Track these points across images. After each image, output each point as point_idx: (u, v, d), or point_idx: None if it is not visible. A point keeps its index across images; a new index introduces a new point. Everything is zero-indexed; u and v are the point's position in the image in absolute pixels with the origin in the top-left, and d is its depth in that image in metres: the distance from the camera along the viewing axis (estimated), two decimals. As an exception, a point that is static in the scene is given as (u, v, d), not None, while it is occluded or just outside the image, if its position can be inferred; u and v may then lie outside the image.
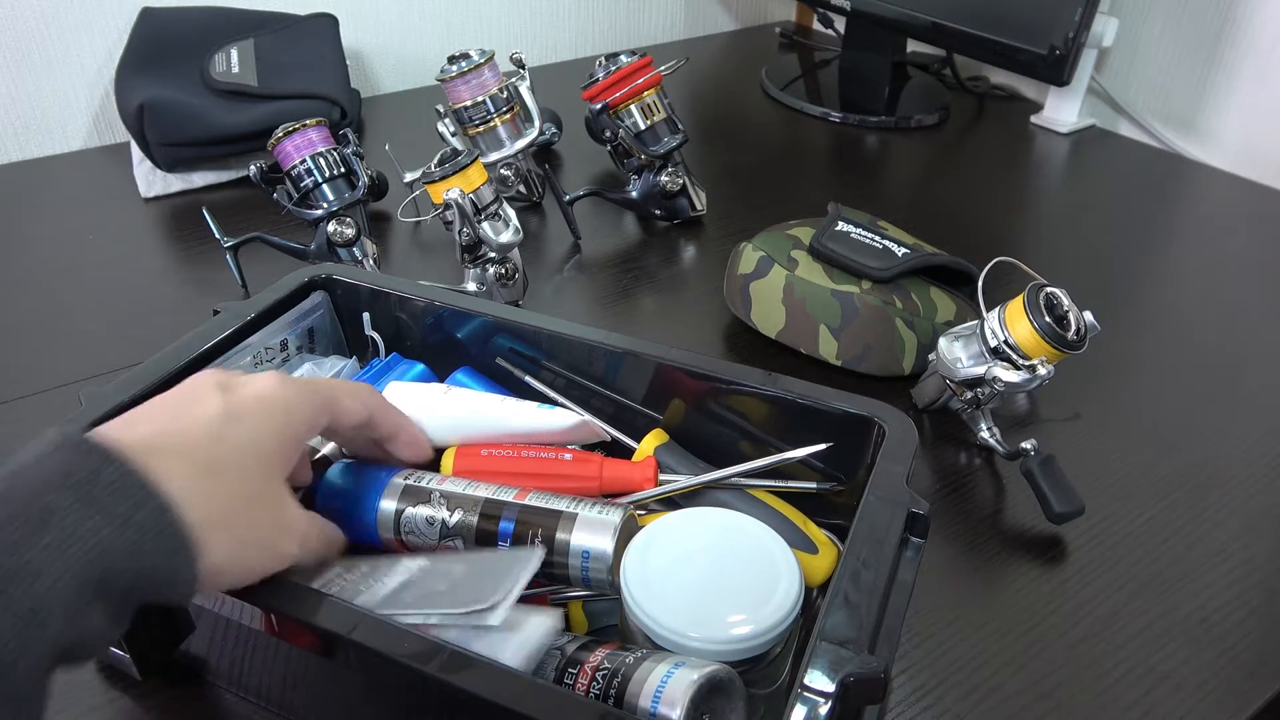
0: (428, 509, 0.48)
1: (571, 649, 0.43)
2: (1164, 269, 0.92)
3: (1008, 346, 0.62)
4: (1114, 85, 1.19)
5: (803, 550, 0.50)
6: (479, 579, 0.41)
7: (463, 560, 0.45)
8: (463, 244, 0.75)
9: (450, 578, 0.43)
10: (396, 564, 0.45)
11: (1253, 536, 0.62)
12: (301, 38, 1.07)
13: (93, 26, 1.02)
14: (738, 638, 0.41)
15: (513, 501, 0.47)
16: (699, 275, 0.88)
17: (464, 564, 0.44)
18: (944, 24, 1.08)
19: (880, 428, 0.50)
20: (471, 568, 0.43)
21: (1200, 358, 0.78)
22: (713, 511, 0.48)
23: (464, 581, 0.42)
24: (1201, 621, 0.56)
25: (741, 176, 1.05)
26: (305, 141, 0.80)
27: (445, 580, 0.43)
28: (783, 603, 0.43)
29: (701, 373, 0.54)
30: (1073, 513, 0.60)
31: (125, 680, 0.50)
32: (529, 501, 0.47)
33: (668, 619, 0.42)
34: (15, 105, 1.00)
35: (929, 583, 0.57)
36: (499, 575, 0.41)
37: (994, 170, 1.10)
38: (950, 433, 0.69)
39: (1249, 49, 1.06)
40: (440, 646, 0.38)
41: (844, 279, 0.72)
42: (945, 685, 0.52)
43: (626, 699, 0.39)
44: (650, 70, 0.90)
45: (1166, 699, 0.52)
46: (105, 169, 1.01)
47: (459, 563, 0.44)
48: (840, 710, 0.36)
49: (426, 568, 0.44)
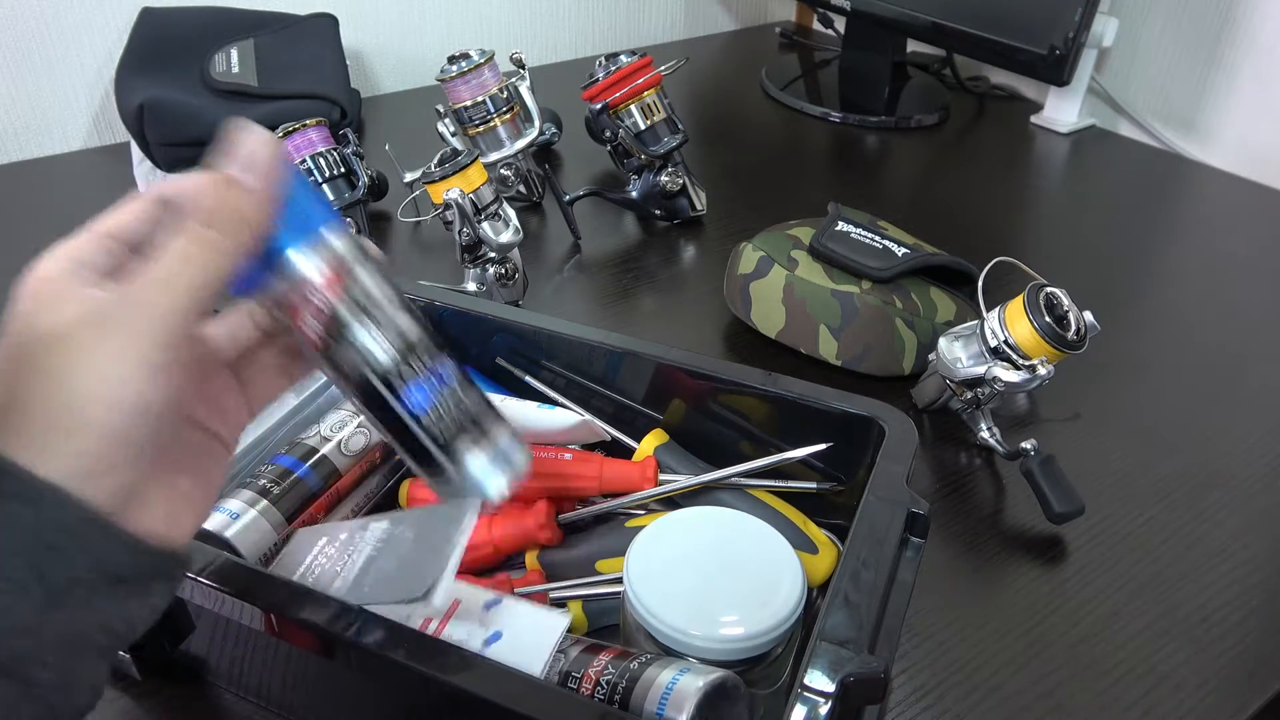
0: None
1: (574, 652, 0.43)
2: (1164, 269, 0.92)
3: (1008, 346, 0.62)
4: (1114, 85, 1.19)
5: (803, 550, 0.50)
6: (422, 552, 0.40)
7: (413, 524, 0.43)
8: (463, 244, 0.75)
9: (400, 551, 0.42)
10: (366, 530, 0.45)
11: (1253, 536, 0.62)
12: (301, 38, 1.07)
13: (93, 26, 1.02)
14: (740, 637, 0.41)
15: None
16: (699, 275, 0.88)
17: (413, 530, 0.43)
18: (944, 24, 1.08)
19: (880, 428, 0.50)
20: (419, 534, 0.42)
21: (1200, 358, 0.78)
22: (715, 511, 0.48)
23: (410, 557, 0.41)
24: (1201, 621, 0.56)
25: (741, 176, 1.05)
26: (305, 141, 0.80)
27: (395, 556, 0.42)
28: (785, 603, 0.43)
29: (701, 373, 0.54)
30: (1073, 513, 0.60)
31: (125, 680, 0.50)
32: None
33: (670, 618, 0.42)
34: (15, 105, 1.00)
35: (929, 583, 0.57)
36: (439, 545, 0.39)
37: (994, 170, 1.10)
38: (950, 433, 0.69)
39: (1249, 49, 1.06)
40: (440, 646, 0.38)
41: (844, 279, 0.72)
42: (945, 685, 0.52)
43: (632, 704, 0.39)
44: (650, 70, 0.90)
45: (1166, 699, 0.52)
46: (105, 169, 1.01)
47: (409, 530, 0.43)
48: (840, 710, 0.36)
49: (383, 537, 0.43)
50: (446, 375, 0.37)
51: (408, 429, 0.37)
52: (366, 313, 0.35)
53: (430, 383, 0.37)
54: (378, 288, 0.36)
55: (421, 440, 0.37)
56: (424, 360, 0.37)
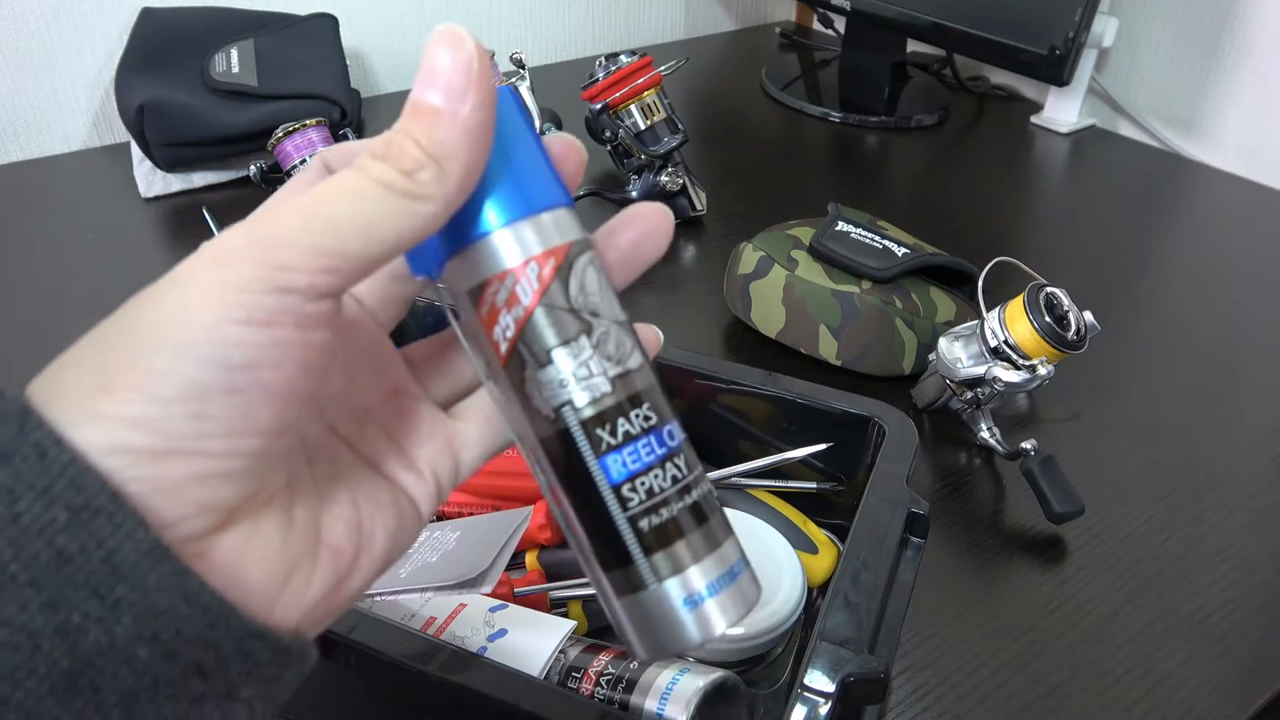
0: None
1: (574, 652, 0.43)
2: (1164, 269, 0.92)
3: (1008, 346, 0.62)
4: (1114, 85, 1.19)
5: (803, 550, 0.50)
6: (469, 547, 0.41)
7: (456, 528, 0.45)
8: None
9: (442, 547, 0.43)
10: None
11: (1253, 536, 0.62)
12: (301, 38, 1.07)
13: (93, 26, 1.02)
14: (740, 637, 0.41)
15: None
16: (699, 275, 0.88)
17: (456, 531, 0.44)
18: (944, 24, 1.08)
19: (880, 428, 0.50)
20: (464, 534, 0.43)
21: (1200, 358, 0.78)
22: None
23: (455, 550, 0.42)
24: (1201, 621, 0.56)
25: (741, 176, 1.05)
26: (305, 141, 0.81)
27: (437, 550, 0.42)
28: (785, 603, 0.43)
29: (701, 373, 0.54)
30: (1073, 513, 0.60)
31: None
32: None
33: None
34: (15, 105, 1.00)
35: (929, 583, 0.57)
36: (488, 542, 0.40)
37: (994, 170, 1.10)
38: (950, 433, 0.69)
39: (1249, 49, 1.06)
40: (441, 646, 0.38)
41: (844, 279, 0.72)
42: (945, 685, 0.52)
43: (631, 704, 0.39)
44: (650, 70, 0.90)
45: (1166, 699, 0.52)
46: (105, 169, 1.01)
47: (452, 531, 0.44)
48: (840, 710, 0.36)
49: (423, 539, 0.44)
50: (674, 442, 0.25)
51: (605, 509, 0.24)
52: (589, 332, 0.24)
53: (650, 449, 0.25)
54: (607, 304, 0.25)
55: (619, 530, 0.24)
56: (649, 416, 0.25)
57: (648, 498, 0.24)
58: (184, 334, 0.19)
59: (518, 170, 0.24)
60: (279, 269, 0.20)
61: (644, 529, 0.24)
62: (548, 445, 0.25)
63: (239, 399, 0.20)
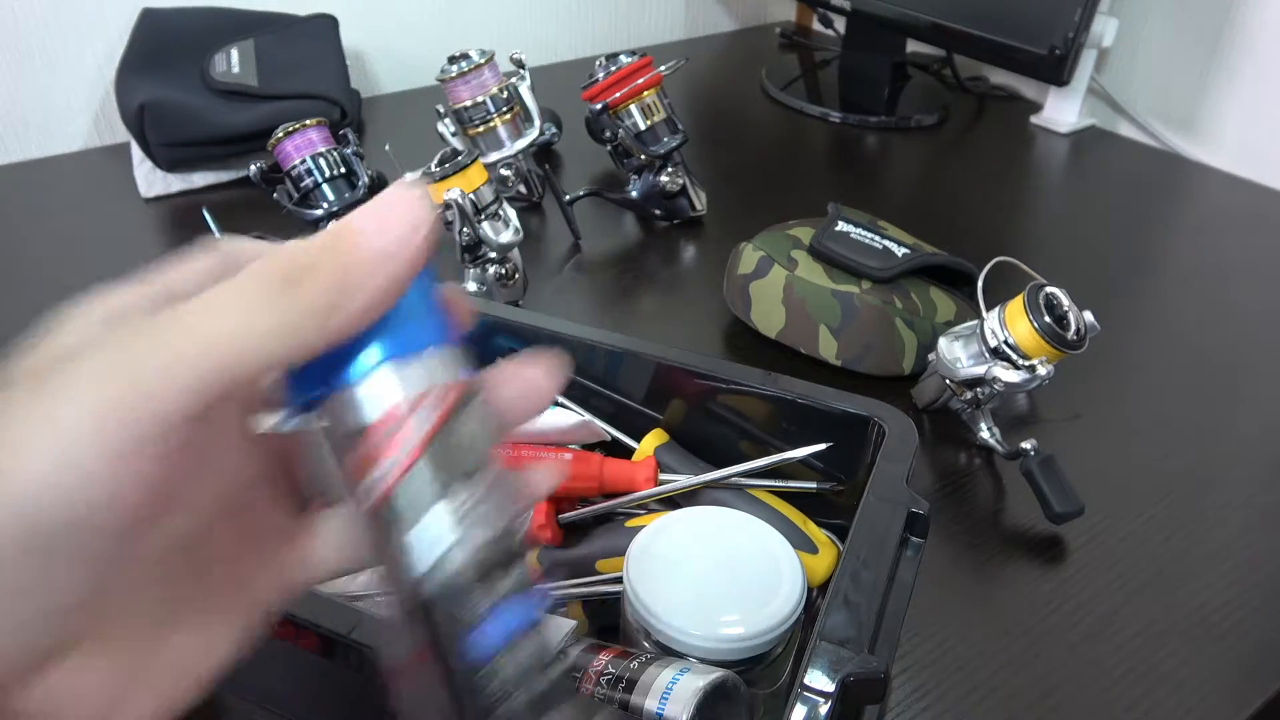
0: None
1: (575, 652, 0.43)
2: (1164, 269, 0.92)
3: (1008, 346, 0.62)
4: (1114, 85, 1.19)
5: (803, 550, 0.50)
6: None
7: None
8: (463, 244, 0.75)
9: None
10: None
11: (1253, 536, 0.62)
12: (301, 38, 1.07)
13: (93, 26, 1.02)
14: (740, 637, 0.41)
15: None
16: (699, 275, 0.88)
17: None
18: (944, 24, 1.08)
19: (880, 428, 0.50)
20: None
21: (1200, 357, 0.78)
22: (716, 511, 0.48)
23: None
24: (1201, 621, 0.56)
25: (741, 176, 1.05)
26: (305, 141, 0.80)
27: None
28: (785, 602, 0.43)
29: (701, 373, 0.54)
30: (1073, 513, 0.60)
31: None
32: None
33: (670, 618, 0.42)
34: (15, 105, 1.00)
35: (929, 583, 0.57)
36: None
37: (994, 170, 1.10)
38: (950, 433, 0.69)
39: (1249, 49, 1.06)
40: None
41: (844, 279, 0.72)
42: (945, 685, 0.52)
43: (631, 704, 0.39)
44: (650, 70, 0.90)
45: (1166, 699, 0.52)
46: (105, 169, 1.01)
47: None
48: (840, 710, 0.36)
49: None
50: (535, 613, 0.24)
51: (452, 679, 0.23)
52: (457, 490, 0.23)
53: (508, 619, 0.23)
54: (482, 457, 0.24)
55: (480, 705, 0.23)
56: (512, 582, 0.23)
57: (497, 672, 0.23)
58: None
59: (407, 312, 0.23)
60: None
61: (485, 703, 0.23)
62: (408, 608, 0.23)
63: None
